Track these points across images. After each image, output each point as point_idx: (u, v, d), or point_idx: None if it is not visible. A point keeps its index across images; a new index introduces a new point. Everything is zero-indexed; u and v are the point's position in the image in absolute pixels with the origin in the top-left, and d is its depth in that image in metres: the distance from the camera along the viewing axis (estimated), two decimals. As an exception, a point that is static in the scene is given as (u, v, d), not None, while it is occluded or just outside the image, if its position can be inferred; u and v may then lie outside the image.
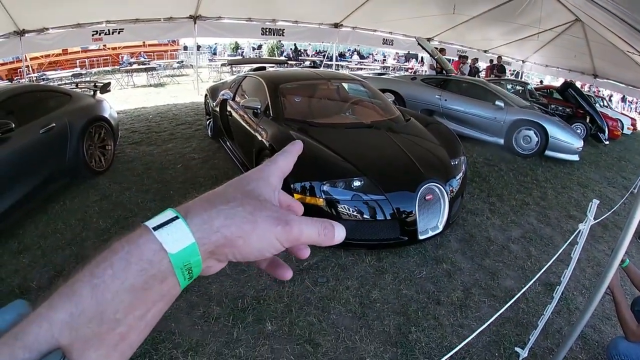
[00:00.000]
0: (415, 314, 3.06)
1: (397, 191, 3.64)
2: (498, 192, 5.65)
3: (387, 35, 15.09)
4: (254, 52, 26.08)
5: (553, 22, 12.37)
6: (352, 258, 3.70)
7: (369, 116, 5.06)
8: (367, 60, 26.32)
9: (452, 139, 4.78)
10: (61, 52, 18.49)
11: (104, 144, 5.65)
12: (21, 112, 4.40)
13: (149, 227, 0.36)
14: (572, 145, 7.41)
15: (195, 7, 10.87)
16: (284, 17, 12.75)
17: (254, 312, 2.96)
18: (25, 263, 3.55)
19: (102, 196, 4.82)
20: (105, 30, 10.58)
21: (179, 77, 17.08)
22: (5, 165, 3.86)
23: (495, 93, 8.24)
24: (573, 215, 5.16)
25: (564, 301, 3.35)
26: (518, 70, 18.98)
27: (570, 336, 2.25)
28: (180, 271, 0.36)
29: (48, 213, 4.41)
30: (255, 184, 0.45)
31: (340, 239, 0.46)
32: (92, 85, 6.24)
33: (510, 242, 4.29)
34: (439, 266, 3.69)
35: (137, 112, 9.84)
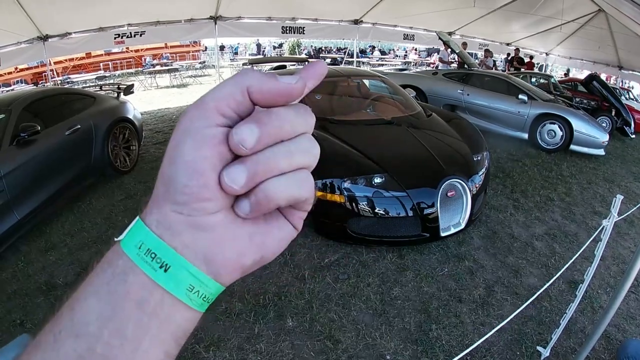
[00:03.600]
0: (436, 312, 3.04)
1: (418, 187, 3.63)
2: (522, 187, 5.57)
3: (408, 30, 14.96)
4: (274, 51, 26.17)
5: (576, 13, 12.13)
6: (374, 255, 3.70)
7: (390, 112, 5.04)
8: (388, 56, 26.13)
9: (475, 134, 4.74)
10: (84, 56, 18.83)
11: (128, 144, 5.76)
12: (47, 114, 4.54)
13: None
14: (598, 139, 7.23)
15: (216, 7, 10.96)
16: (303, 15, 12.75)
17: (275, 308, 2.99)
18: (52, 260, 3.67)
19: (127, 195, 4.93)
20: (127, 33, 10.75)
21: (201, 78, 17.28)
22: (32, 166, 3.98)
23: (519, 86, 8.10)
24: (598, 211, 5.05)
25: (587, 299, 3.29)
26: (542, 63, 18.61)
27: (593, 335, 2.21)
28: (138, 257, 0.30)
29: (74, 212, 4.53)
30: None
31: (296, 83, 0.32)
32: (115, 88, 6.37)
33: (534, 238, 4.23)
34: (461, 263, 3.67)
35: (161, 113, 10.01)
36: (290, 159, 0.32)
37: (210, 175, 0.30)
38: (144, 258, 0.30)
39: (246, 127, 0.30)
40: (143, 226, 0.31)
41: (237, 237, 0.32)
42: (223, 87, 0.31)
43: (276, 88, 0.31)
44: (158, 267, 0.30)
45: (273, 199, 0.31)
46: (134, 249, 0.30)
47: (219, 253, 0.31)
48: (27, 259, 3.70)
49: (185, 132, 0.30)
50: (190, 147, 0.30)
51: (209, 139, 0.30)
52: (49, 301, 3.10)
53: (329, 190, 3.57)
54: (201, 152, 0.29)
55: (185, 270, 0.30)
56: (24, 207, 3.80)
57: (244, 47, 27.62)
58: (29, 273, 3.50)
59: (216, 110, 0.30)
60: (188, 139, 0.30)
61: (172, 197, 0.30)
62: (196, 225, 0.31)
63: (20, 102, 4.30)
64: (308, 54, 23.63)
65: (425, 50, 24.80)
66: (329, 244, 3.81)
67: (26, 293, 3.23)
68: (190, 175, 0.30)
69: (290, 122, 0.32)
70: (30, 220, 3.93)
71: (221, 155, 0.30)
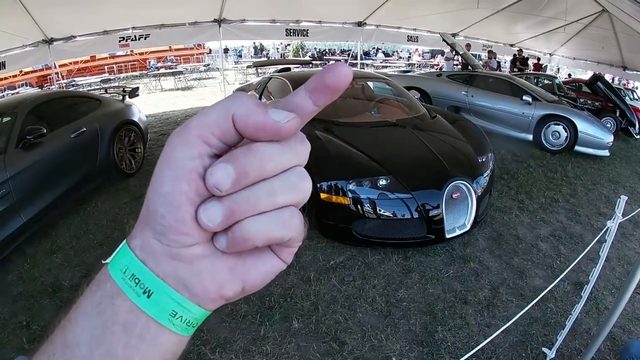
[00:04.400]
0: (442, 313, 3.04)
1: (423, 189, 3.64)
2: (527, 189, 5.56)
3: (412, 32, 14.95)
4: (278, 53, 26.23)
5: (579, 13, 12.09)
6: (379, 257, 3.70)
7: (395, 114, 5.05)
8: (392, 57, 26.13)
9: (479, 136, 4.74)
10: (89, 59, 18.92)
11: (134, 147, 5.79)
12: (52, 117, 4.57)
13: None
14: (602, 140, 7.21)
15: (219, 10, 10.99)
16: (307, 18, 12.76)
17: (280, 310, 3.00)
18: (58, 262, 3.69)
19: (133, 197, 4.95)
20: (131, 36, 10.79)
21: (205, 80, 17.34)
22: (38, 169, 4.00)
23: (523, 88, 8.09)
24: (603, 212, 5.04)
25: (593, 301, 3.28)
26: (546, 64, 18.56)
27: (599, 336, 2.21)
28: (123, 281, 0.30)
29: (80, 214, 4.55)
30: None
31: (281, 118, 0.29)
32: (120, 90, 6.39)
33: (539, 240, 4.22)
34: (466, 265, 3.66)
35: (166, 116, 10.05)
36: (273, 198, 0.30)
37: (187, 210, 0.29)
38: (128, 283, 0.30)
39: (222, 168, 0.28)
40: (128, 250, 0.31)
41: (216, 270, 0.31)
42: (209, 113, 0.29)
43: (262, 124, 0.28)
44: (141, 293, 0.29)
45: (249, 239, 0.30)
46: (119, 273, 0.30)
47: (198, 283, 0.31)
48: (33, 261, 3.71)
49: (165, 161, 0.29)
50: (169, 178, 0.29)
51: (188, 172, 0.28)
52: (54, 303, 3.12)
53: (334, 192, 3.58)
54: (179, 185, 0.28)
55: (168, 296, 0.30)
56: (29, 209, 3.81)
57: (247, 50, 27.68)
58: (34, 275, 3.51)
59: (200, 139, 0.28)
60: (167, 169, 0.29)
61: (152, 224, 0.30)
62: (174, 256, 0.30)
63: (26, 105, 4.33)
64: (312, 56, 23.66)
65: (429, 51, 24.81)
66: (335, 246, 3.82)
67: (32, 295, 3.24)
68: (166, 207, 0.29)
69: (274, 160, 0.30)
70: (36, 223, 3.95)
71: (200, 190, 0.29)
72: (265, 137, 0.29)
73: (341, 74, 0.29)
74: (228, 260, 0.32)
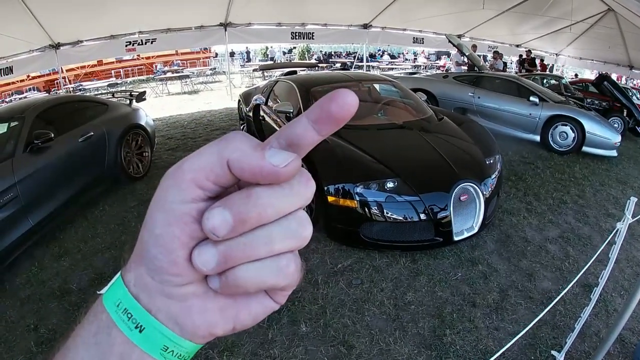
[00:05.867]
0: (450, 317, 3.02)
1: (431, 192, 3.62)
2: (535, 190, 5.53)
3: (417, 33, 14.97)
4: (284, 57, 26.29)
5: (585, 13, 12.07)
6: (387, 260, 3.69)
7: (401, 116, 5.04)
8: (398, 59, 26.11)
9: (487, 137, 4.72)
10: (96, 63, 19.05)
11: (141, 150, 5.81)
12: (60, 122, 4.60)
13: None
14: (610, 141, 7.15)
15: (225, 14, 11.04)
16: (313, 21, 12.81)
17: (288, 314, 2.99)
18: (65, 266, 3.70)
19: (140, 201, 4.96)
20: (138, 41, 10.89)
21: (212, 84, 17.40)
22: (46, 173, 4.03)
23: (530, 88, 8.05)
24: (612, 214, 5.00)
25: (602, 303, 3.25)
26: (552, 64, 18.49)
27: (608, 339, 2.19)
28: (117, 314, 0.30)
29: (88, 218, 4.57)
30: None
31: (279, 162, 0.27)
32: (128, 95, 6.43)
33: (547, 242, 4.19)
34: (475, 268, 3.64)
35: (173, 119, 10.10)
36: (270, 246, 0.29)
37: (179, 253, 0.28)
38: (121, 317, 0.30)
39: (219, 213, 0.27)
40: (122, 284, 0.31)
41: (207, 309, 0.31)
42: (202, 156, 0.28)
43: (259, 169, 0.27)
44: (134, 327, 0.29)
45: (242, 286, 0.29)
46: (112, 306, 0.30)
47: (189, 321, 0.31)
48: (40, 265, 3.73)
49: (157, 202, 0.29)
50: (161, 221, 0.28)
51: (181, 217, 0.28)
52: (62, 306, 3.13)
53: (341, 195, 3.58)
54: (171, 229, 0.28)
55: (159, 332, 0.30)
56: (37, 213, 3.83)
57: (253, 53, 27.74)
58: (42, 278, 3.53)
59: (193, 183, 0.28)
60: (159, 212, 0.29)
61: (145, 262, 0.30)
62: (167, 294, 0.30)
63: (34, 109, 4.36)
64: (318, 59, 23.70)
65: (434, 53, 24.79)
66: (342, 249, 3.81)
67: (40, 298, 3.26)
68: (159, 249, 0.29)
69: (274, 206, 0.28)
70: (44, 226, 3.97)
71: (193, 233, 0.28)
72: (263, 182, 0.28)
73: (347, 103, 0.26)
74: (220, 300, 0.31)
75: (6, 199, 3.49)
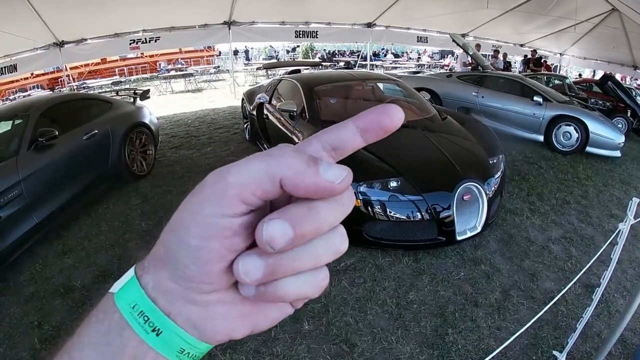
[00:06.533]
0: (453, 316, 3.03)
1: (434, 191, 3.62)
2: (538, 190, 5.52)
3: (421, 32, 14.96)
4: (288, 55, 26.29)
5: (589, 13, 12.04)
6: (390, 259, 3.69)
7: (405, 116, 5.01)
8: (402, 58, 26.07)
9: (490, 137, 4.71)
10: (100, 61, 19.09)
11: (145, 148, 5.83)
12: (64, 120, 4.62)
13: None
14: (614, 141, 7.12)
15: (229, 13, 11.06)
16: (316, 19, 12.83)
17: (291, 312, 3.00)
18: (69, 263, 3.72)
19: (144, 199, 4.98)
20: (142, 39, 10.92)
21: (215, 82, 17.44)
22: (50, 171, 4.06)
23: (534, 88, 8.03)
24: (615, 214, 4.98)
25: (604, 303, 3.24)
26: (556, 64, 18.44)
27: (609, 340, 2.19)
28: (132, 317, 0.29)
29: (92, 216, 4.59)
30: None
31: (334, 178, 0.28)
32: (132, 93, 6.45)
33: (550, 242, 4.19)
34: (477, 267, 3.64)
35: (177, 118, 10.13)
36: (316, 260, 0.29)
37: (215, 265, 0.28)
38: (136, 319, 0.29)
39: (280, 226, 0.26)
40: (138, 286, 0.30)
41: (229, 316, 0.31)
42: (250, 171, 0.27)
43: (314, 186, 0.27)
44: (150, 331, 0.29)
45: (282, 297, 0.29)
46: (127, 308, 0.29)
47: (210, 327, 0.30)
48: (44, 262, 3.76)
49: (194, 213, 0.28)
50: (197, 234, 0.27)
51: (221, 231, 0.27)
52: (66, 304, 3.15)
53: (344, 194, 3.58)
54: (209, 242, 0.27)
55: (177, 335, 0.29)
56: (41, 210, 3.86)
57: (257, 52, 27.74)
58: (46, 276, 3.55)
59: (238, 198, 0.27)
60: (195, 225, 0.28)
61: (171, 269, 0.29)
62: (189, 300, 0.29)
63: (38, 107, 4.38)
64: (321, 57, 23.69)
65: (438, 52, 24.74)
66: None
67: (44, 295, 3.28)
68: (193, 260, 0.28)
69: (329, 220, 0.29)
70: (48, 224, 4.00)
71: (233, 246, 0.28)
72: (316, 197, 0.28)
73: (397, 117, 0.29)
74: (242, 308, 0.31)
75: (10, 196, 3.52)
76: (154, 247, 0.31)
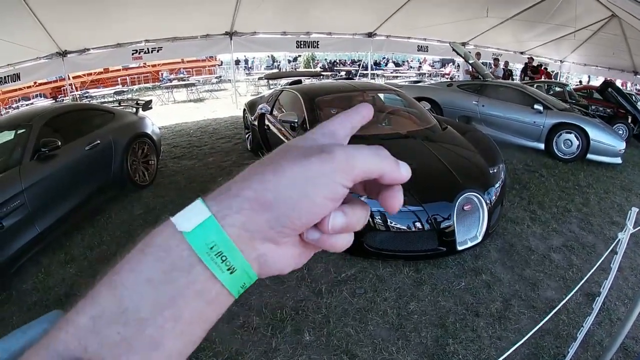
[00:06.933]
0: (453, 326, 3.03)
1: (434, 201, 3.63)
2: (539, 199, 5.52)
3: (422, 41, 15.02)
4: (290, 65, 26.38)
5: (588, 19, 12.10)
6: (390, 269, 3.70)
7: (405, 126, 5.05)
8: (403, 67, 26.13)
9: (490, 147, 4.72)
10: (103, 71, 19.17)
11: (147, 159, 5.86)
12: (67, 130, 4.66)
13: (169, 217, 0.33)
14: (614, 148, 7.13)
15: (231, 23, 11.13)
16: (317, 29, 12.90)
17: (292, 323, 3.01)
18: (72, 273, 3.75)
19: (147, 209, 5.00)
20: (144, 49, 10.98)
21: (217, 92, 17.48)
22: (53, 181, 4.09)
23: (534, 96, 8.05)
24: (616, 222, 4.98)
25: (605, 312, 3.24)
26: (557, 71, 18.49)
27: (611, 348, 2.19)
28: (208, 257, 0.31)
29: (94, 225, 4.61)
30: (312, 138, 0.38)
31: (406, 173, 0.39)
32: (134, 103, 6.48)
33: (551, 251, 4.19)
34: (478, 277, 3.65)
35: (179, 127, 10.17)
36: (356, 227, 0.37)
37: (320, 218, 0.34)
38: (214, 259, 0.31)
39: (339, 217, 0.35)
40: (218, 227, 0.31)
41: (291, 255, 0.36)
42: (371, 162, 0.35)
43: (399, 179, 0.38)
44: (226, 269, 0.31)
45: (332, 244, 0.37)
46: (204, 248, 0.31)
47: (275, 263, 0.35)
48: (47, 271, 3.78)
49: (325, 176, 0.33)
50: (323, 195, 0.33)
51: (340, 196, 0.35)
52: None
53: (344, 204, 3.59)
54: (329, 203, 0.34)
55: (246, 272, 0.33)
56: (44, 220, 3.89)
57: (258, 62, 27.83)
58: (49, 285, 3.57)
59: (358, 177, 0.35)
60: (324, 186, 0.33)
61: (278, 214, 0.32)
62: (274, 240, 0.34)
63: (41, 117, 4.41)
64: (323, 67, 23.78)
65: (439, 60, 24.81)
66: (346, 259, 3.82)
67: (46, 304, 3.30)
68: (309, 213, 0.33)
69: (360, 217, 0.38)
70: (51, 233, 4.02)
71: (335, 208, 0.35)
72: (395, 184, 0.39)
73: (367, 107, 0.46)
74: (298, 249, 0.37)
75: (13, 205, 3.54)
76: (232, 186, 0.34)
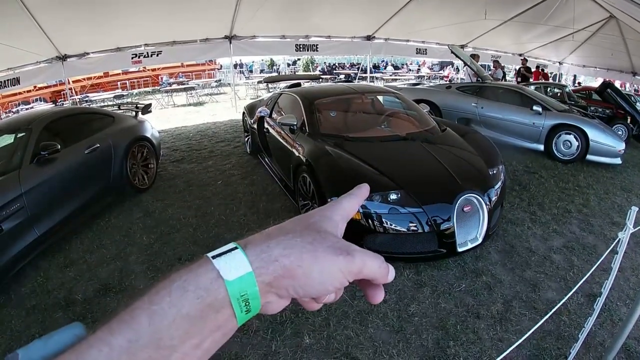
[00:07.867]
0: (454, 328, 3.02)
1: (434, 203, 3.61)
2: (539, 200, 5.52)
3: (420, 44, 15.05)
4: (289, 68, 26.43)
5: (587, 21, 12.15)
6: (390, 271, 3.67)
7: (404, 128, 5.05)
8: (401, 70, 26.16)
9: (490, 148, 4.71)
10: (102, 75, 19.20)
11: (146, 162, 5.86)
12: (66, 134, 4.66)
13: (209, 257, 0.38)
14: (614, 148, 7.13)
15: (230, 27, 11.15)
16: (317, 33, 12.93)
17: (292, 326, 3.00)
18: (71, 277, 3.73)
19: (146, 213, 5.00)
20: (144, 53, 11.01)
21: (217, 96, 17.53)
22: (52, 184, 4.08)
23: (533, 98, 8.06)
24: (616, 222, 4.97)
25: (607, 312, 3.23)
26: (556, 72, 18.51)
27: (612, 348, 2.18)
28: (237, 302, 0.36)
29: (93, 229, 4.61)
30: (318, 218, 0.45)
31: (391, 277, 0.45)
32: (134, 107, 6.49)
33: (552, 252, 4.18)
34: (479, 279, 3.63)
35: (178, 131, 10.17)
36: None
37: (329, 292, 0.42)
38: (240, 304, 0.37)
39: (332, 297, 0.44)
40: (254, 282, 0.37)
41: (283, 305, 0.42)
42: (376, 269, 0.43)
43: (385, 281, 0.45)
44: (244, 311, 0.38)
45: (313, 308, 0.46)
46: (237, 295, 0.37)
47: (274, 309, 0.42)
48: (46, 275, 3.77)
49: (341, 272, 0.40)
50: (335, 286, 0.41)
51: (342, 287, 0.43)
52: (67, 317, 3.14)
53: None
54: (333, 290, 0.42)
55: (256, 312, 0.39)
56: (43, 224, 3.89)
57: (258, 65, 27.88)
58: (48, 289, 3.56)
59: (360, 277, 0.43)
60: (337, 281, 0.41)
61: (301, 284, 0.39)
62: (281, 296, 0.40)
63: (41, 121, 4.42)
64: (322, 70, 23.81)
65: (437, 63, 24.84)
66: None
67: (45, 308, 3.29)
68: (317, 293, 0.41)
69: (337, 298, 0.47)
70: (50, 237, 4.02)
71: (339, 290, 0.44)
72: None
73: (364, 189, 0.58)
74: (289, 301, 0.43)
75: (13, 209, 3.54)
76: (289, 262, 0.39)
